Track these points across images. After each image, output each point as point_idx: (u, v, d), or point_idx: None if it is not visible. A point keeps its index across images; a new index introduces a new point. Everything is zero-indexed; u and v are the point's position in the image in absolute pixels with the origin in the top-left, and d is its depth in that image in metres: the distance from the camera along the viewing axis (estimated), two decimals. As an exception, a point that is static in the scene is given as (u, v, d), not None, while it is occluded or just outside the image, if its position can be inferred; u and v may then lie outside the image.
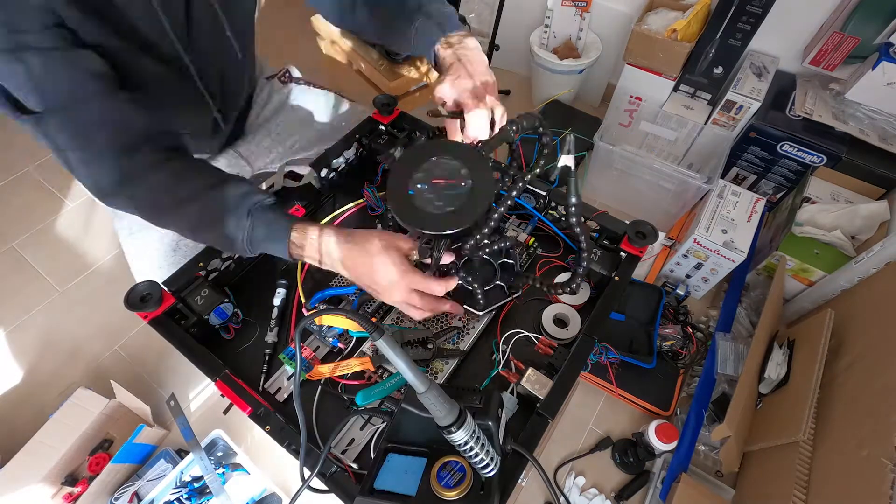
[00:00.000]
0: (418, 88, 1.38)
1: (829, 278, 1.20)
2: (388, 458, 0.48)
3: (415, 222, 0.50)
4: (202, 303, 0.61)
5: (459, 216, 0.50)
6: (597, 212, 0.68)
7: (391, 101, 0.78)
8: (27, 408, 1.23)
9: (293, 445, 0.51)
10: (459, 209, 0.50)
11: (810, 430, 0.93)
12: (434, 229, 0.50)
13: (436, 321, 0.65)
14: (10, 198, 1.61)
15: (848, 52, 1.25)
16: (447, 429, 0.42)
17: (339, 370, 0.59)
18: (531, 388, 0.56)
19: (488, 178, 0.51)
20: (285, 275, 0.68)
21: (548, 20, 1.68)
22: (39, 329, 1.36)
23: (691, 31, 1.36)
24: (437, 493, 0.44)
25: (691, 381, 1.23)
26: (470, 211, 0.50)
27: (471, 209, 0.50)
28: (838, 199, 1.29)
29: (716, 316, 1.32)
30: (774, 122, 1.31)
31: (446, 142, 0.59)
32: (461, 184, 0.52)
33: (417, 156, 0.54)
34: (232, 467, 1.08)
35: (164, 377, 1.29)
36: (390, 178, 0.53)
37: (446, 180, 0.52)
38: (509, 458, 0.49)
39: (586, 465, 1.16)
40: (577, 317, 0.66)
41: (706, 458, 1.11)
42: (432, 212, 0.50)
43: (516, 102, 1.93)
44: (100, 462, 1.07)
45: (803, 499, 0.88)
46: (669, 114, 1.47)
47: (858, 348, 1.01)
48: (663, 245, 1.41)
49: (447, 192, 0.51)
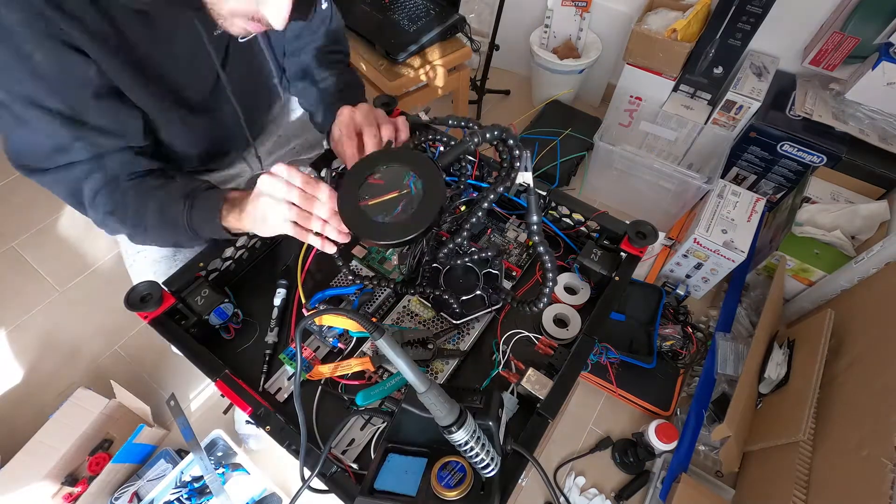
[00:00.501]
0: (418, 88, 1.38)
1: (829, 278, 1.20)
2: (388, 458, 0.48)
3: (365, 233, 0.50)
4: (202, 303, 0.61)
5: (408, 224, 0.50)
6: (597, 212, 0.68)
7: (391, 101, 0.78)
8: (27, 408, 1.23)
9: (293, 445, 0.51)
10: (408, 217, 0.50)
11: (810, 430, 0.93)
12: (385, 239, 0.50)
13: (436, 321, 0.65)
14: (9, 198, 1.61)
15: (848, 52, 1.25)
16: (447, 429, 0.42)
17: (339, 370, 0.59)
18: (531, 388, 0.56)
19: (438, 184, 0.51)
20: (285, 275, 0.68)
21: (548, 20, 1.68)
22: (39, 329, 1.36)
23: (691, 31, 1.36)
24: (437, 494, 0.44)
25: (691, 381, 1.23)
26: (419, 218, 0.50)
27: (420, 217, 0.50)
28: (838, 199, 1.29)
29: (716, 316, 1.32)
30: (774, 122, 1.31)
31: (396, 150, 0.59)
32: (409, 192, 0.52)
33: (367, 165, 0.54)
34: (232, 467, 1.08)
35: (164, 377, 1.29)
36: (340, 190, 0.52)
37: (394, 190, 0.52)
38: (509, 458, 0.49)
39: (586, 465, 1.16)
40: (578, 317, 0.66)
41: (706, 458, 1.11)
42: (381, 221, 0.50)
43: (516, 102, 1.93)
44: (100, 462, 1.07)
45: (803, 499, 0.88)
46: (669, 114, 1.47)
47: (858, 348, 1.01)
48: (663, 245, 1.41)
49: (395, 201, 0.51)
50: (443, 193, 0.51)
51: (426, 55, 1.33)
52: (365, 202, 0.51)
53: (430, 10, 1.34)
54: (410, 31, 1.30)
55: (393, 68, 1.31)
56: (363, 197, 0.52)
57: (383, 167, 0.54)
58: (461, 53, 1.37)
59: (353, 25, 1.36)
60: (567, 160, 1.61)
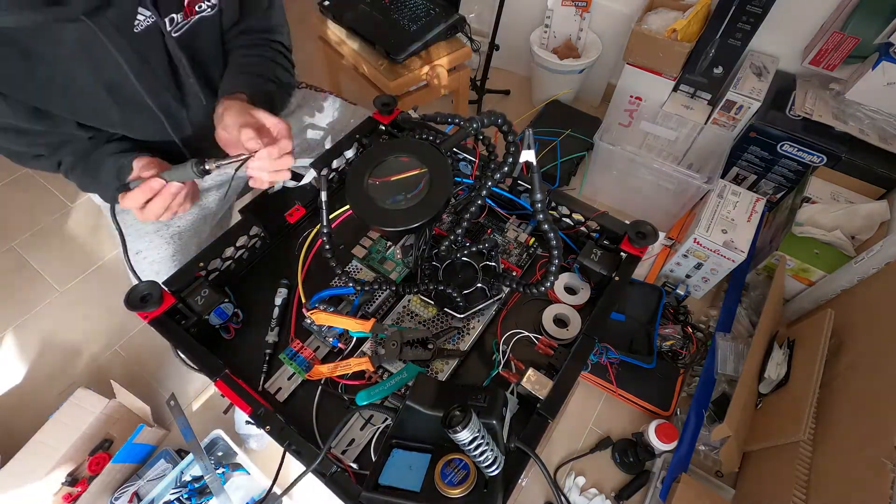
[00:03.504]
0: (418, 88, 1.38)
1: (829, 278, 1.20)
2: (392, 453, 0.48)
3: (374, 219, 0.50)
4: (202, 303, 0.61)
5: (416, 211, 0.50)
6: (597, 212, 0.68)
7: (391, 101, 0.78)
8: (27, 408, 1.23)
9: (293, 445, 0.51)
10: (417, 204, 0.51)
11: (810, 430, 0.93)
12: (393, 225, 0.50)
13: (436, 321, 0.65)
14: (10, 198, 1.61)
15: (848, 52, 1.25)
16: (451, 428, 0.42)
17: (339, 370, 0.59)
18: (531, 388, 0.56)
19: (445, 171, 0.52)
20: (286, 275, 0.68)
21: (548, 20, 1.68)
22: (39, 329, 1.36)
23: (691, 30, 1.36)
24: (440, 491, 0.44)
25: (691, 381, 1.23)
26: (428, 205, 0.50)
27: (428, 203, 0.50)
28: (838, 199, 1.29)
29: (716, 316, 1.32)
30: (774, 122, 1.31)
31: (403, 140, 0.60)
32: (417, 179, 0.53)
33: (374, 155, 0.54)
34: (232, 467, 1.08)
35: (164, 377, 1.29)
36: (348, 178, 0.53)
37: (402, 175, 0.53)
38: (512, 456, 0.49)
39: (586, 465, 1.16)
40: (578, 317, 0.66)
41: (706, 458, 1.11)
42: (390, 208, 0.51)
43: (516, 102, 1.93)
44: (100, 462, 1.07)
45: (803, 499, 0.88)
46: (669, 114, 1.47)
47: (858, 348, 1.01)
48: (663, 245, 1.41)
49: (404, 188, 0.52)
50: (450, 181, 0.52)
51: (426, 55, 1.33)
52: (373, 189, 0.52)
53: (431, 10, 1.34)
54: (410, 30, 1.30)
55: (393, 68, 1.31)
56: (371, 185, 0.52)
57: (390, 156, 0.54)
58: (461, 53, 1.37)
59: (354, 25, 1.36)
60: (567, 160, 1.61)
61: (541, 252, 0.72)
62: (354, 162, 0.55)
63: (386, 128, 0.79)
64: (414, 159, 0.54)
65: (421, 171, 0.53)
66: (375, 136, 0.80)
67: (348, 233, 0.73)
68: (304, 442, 0.51)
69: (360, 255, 0.70)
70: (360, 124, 0.79)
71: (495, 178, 0.54)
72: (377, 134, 0.80)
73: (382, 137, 0.80)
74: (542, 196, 0.52)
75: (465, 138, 0.55)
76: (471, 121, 0.52)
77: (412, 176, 0.53)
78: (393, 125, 0.79)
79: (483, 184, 0.55)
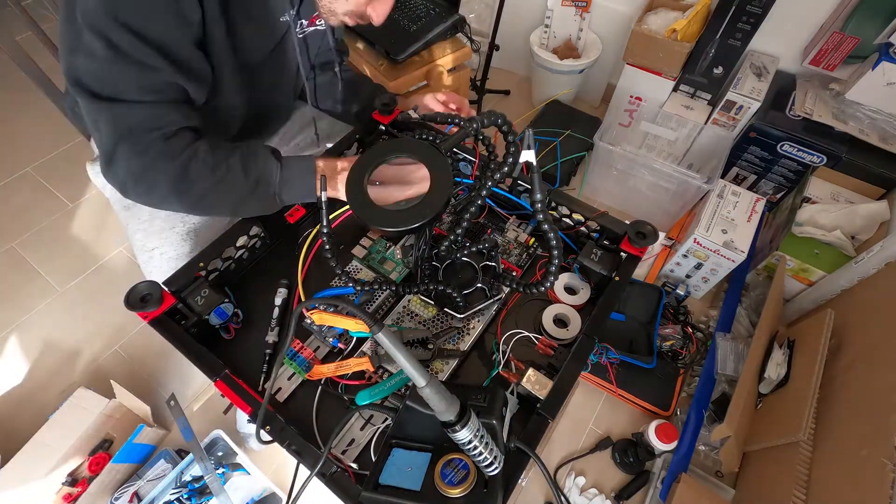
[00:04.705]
0: (418, 88, 1.38)
1: (829, 278, 1.20)
2: (392, 452, 0.48)
3: (375, 220, 0.50)
4: (202, 303, 0.61)
5: (416, 211, 0.50)
6: (597, 212, 0.68)
7: (391, 100, 0.78)
8: (27, 408, 1.23)
9: (293, 445, 0.51)
10: (417, 204, 0.51)
11: (810, 430, 0.93)
12: (394, 226, 0.50)
13: (436, 321, 0.65)
14: (10, 198, 1.61)
15: (848, 52, 1.25)
16: (451, 428, 0.42)
17: (339, 370, 0.59)
18: (531, 388, 0.56)
19: (446, 171, 0.52)
20: (286, 275, 0.68)
21: (548, 20, 1.68)
22: (39, 329, 1.36)
23: (691, 31, 1.36)
24: (440, 491, 0.44)
25: (691, 381, 1.23)
26: (428, 205, 0.50)
27: (428, 204, 0.50)
28: (838, 199, 1.29)
29: (716, 316, 1.32)
30: (774, 122, 1.31)
31: (403, 140, 0.60)
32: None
33: (375, 155, 0.54)
34: (232, 467, 1.08)
35: (164, 377, 1.29)
36: (348, 178, 0.53)
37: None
38: (512, 455, 0.49)
39: (586, 465, 1.16)
40: (577, 317, 0.66)
41: (706, 458, 1.11)
42: (390, 208, 0.51)
43: (516, 102, 1.93)
44: (100, 462, 1.07)
45: (803, 499, 0.88)
46: (669, 114, 1.47)
47: (858, 348, 1.01)
48: (663, 245, 1.41)
49: None
50: (450, 181, 0.52)
51: (426, 55, 1.33)
52: (373, 189, 0.52)
53: (431, 11, 1.34)
54: (410, 30, 1.30)
55: (393, 68, 1.31)
56: (372, 185, 0.52)
57: (391, 157, 0.54)
58: (461, 53, 1.37)
59: (354, 25, 1.36)
60: (567, 160, 1.61)
61: (541, 252, 0.72)
62: (354, 164, 0.54)
63: (386, 128, 0.79)
64: (414, 159, 0.54)
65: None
66: (375, 137, 0.80)
67: (348, 233, 0.73)
68: (304, 442, 0.51)
69: (360, 256, 0.70)
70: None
71: (495, 178, 0.54)
72: (376, 134, 0.80)
73: (382, 137, 0.80)
74: (542, 196, 0.52)
75: (465, 138, 0.55)
76: (471, 121, 0.52)
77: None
78: (393, 125, 0.79)
79: (483, 184, 0.55)
